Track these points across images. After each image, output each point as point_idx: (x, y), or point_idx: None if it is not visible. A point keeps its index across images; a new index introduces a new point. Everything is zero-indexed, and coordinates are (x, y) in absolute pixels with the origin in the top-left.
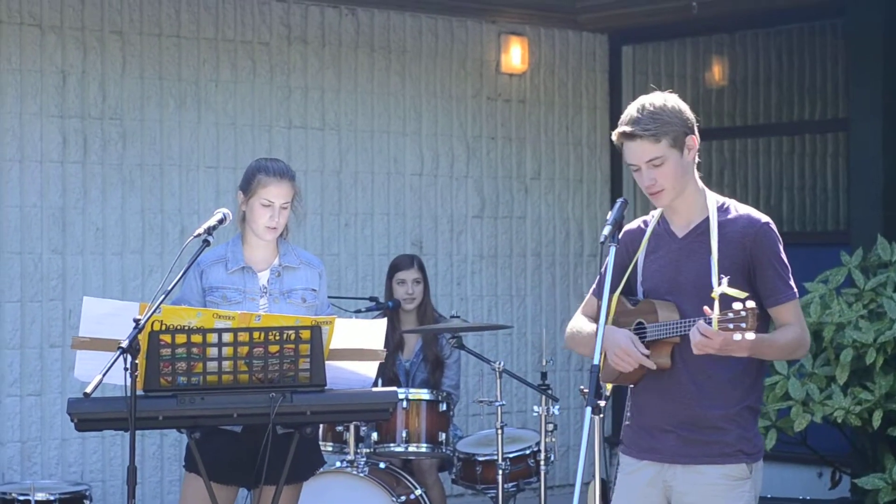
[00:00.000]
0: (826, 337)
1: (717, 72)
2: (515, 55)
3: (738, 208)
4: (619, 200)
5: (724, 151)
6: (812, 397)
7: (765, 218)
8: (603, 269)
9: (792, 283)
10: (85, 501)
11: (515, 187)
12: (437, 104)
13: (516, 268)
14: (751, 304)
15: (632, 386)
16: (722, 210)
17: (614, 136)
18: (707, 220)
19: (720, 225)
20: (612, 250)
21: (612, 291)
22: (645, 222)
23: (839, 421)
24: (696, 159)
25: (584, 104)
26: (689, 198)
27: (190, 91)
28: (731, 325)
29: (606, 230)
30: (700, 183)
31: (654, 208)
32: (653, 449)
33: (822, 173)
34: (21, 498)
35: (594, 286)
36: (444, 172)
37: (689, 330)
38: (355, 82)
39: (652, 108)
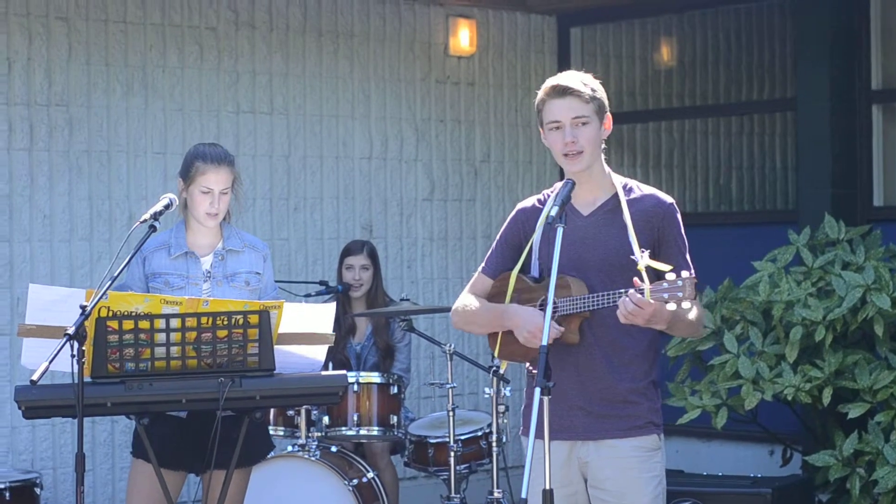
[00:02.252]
0: (775, 315)
1: (665, 53)
2: (463, 38)
3: (641, 188)
4: (567, 181)
5: (673, 132)
6: (762, 375)
7: (670, 199)
8: (548, 249)
9: (690, 262)
10: (35, 489)
11: (465, 170)
12: (385, 88)
13: (467, 250)
14: (686, 273)
15: (528, 365)
16: (627, 190)
17: (542, 92)
18: (614, 197)
19: (628, 203)
20: (560, 231)
21: (510, 269)
22: (540, 201)
23: (789, 399)
24: (604, 145)
25: (532, 86)
26: (596, 175)
27: (137, 77)
28: (665, 295)
29: (554, 210)
30: (605, 164)
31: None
32: (563, 428)
33: (770, 153)
34: None
35: (483, 265)
36: (393, 156)
37: (605, 304)
38: (303, 66)
39: (584, 78)
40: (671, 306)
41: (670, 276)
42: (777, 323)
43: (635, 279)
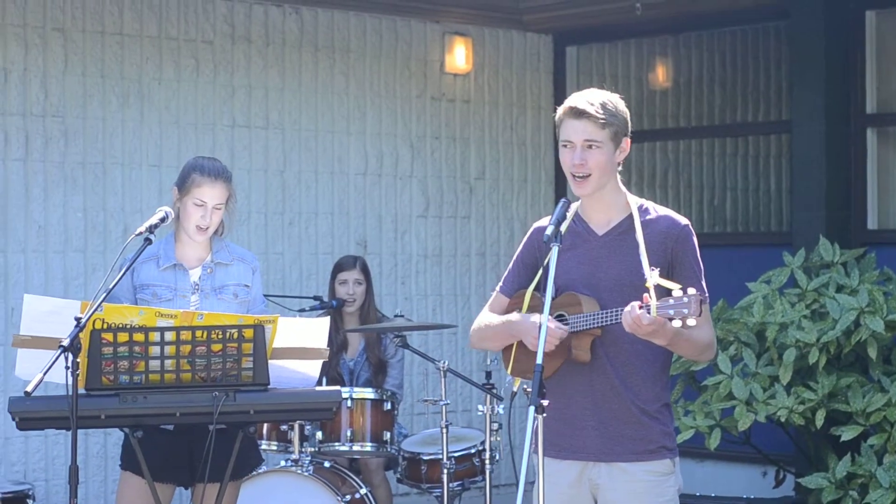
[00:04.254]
0: (769, 337)
1: (660, 73)
2: (459, 55)
3: (657, 209)
4: (562, 201)
5: (668, 153)
6: (755, 397)
7: (685, 220)
8: (564, 268)
9: (705, 286)
10: (28, 501)
11: (460, 187)
12: (381, 104)
13: (461, 267)
14: (692, 290)
15: (525, 387)
16: (642, 210)
17: (561, 110)
18: (628, 218)
19: (642, 224)
20: (555, 249)
21: (526, 287)
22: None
23: (783, 420)
24: (620, 166)
25: (528, 104)
26: (609, 196)
27: (133, 89)
28: (671, 312)
29: (549, 230)
30: (620, 184)
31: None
32: (574, 447)
33: (765, 175)
34: None
35: (500, 284)
36: (388, 172)
37: (614, 320)
38: (299, 81)
39: (606, 100)
40: (676, 323)
41: (677, 294)
42: (771, 344)
43: (645, 295)
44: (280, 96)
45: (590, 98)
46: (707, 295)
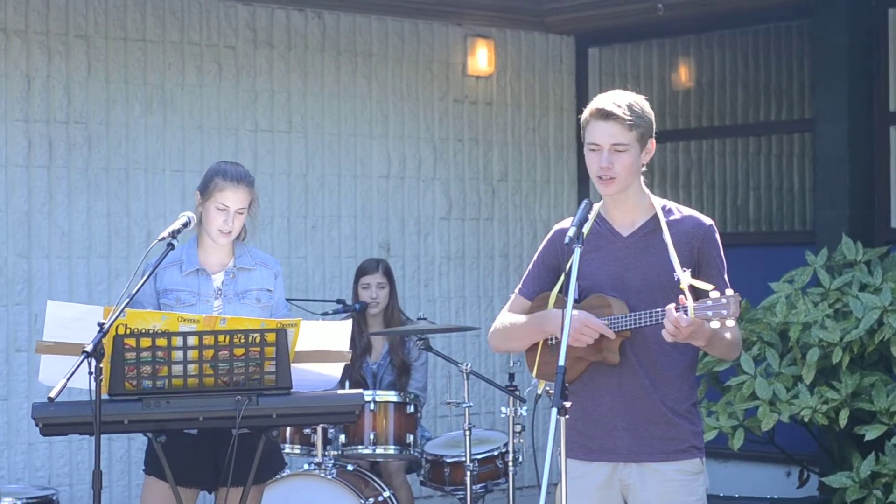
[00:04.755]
0: (792, 336)
1: (683, 73)
2: (482, 57)
3: (681, 210)
4: (584, 202)
5: (691, 152)
6: (779, 396)
7: (709, 220)
8: (588, 270)
9: (728, 283)
10: None
11: (482, 189)
12: (403, 107)
13: (484, 269)
14: (730, 291)
15: (549, 389)
16: (666, 211)
17: (587, 112)
18: (653, 219)
19: (668, 225)
20: (577, 251)
21: (548, 289)
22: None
23: (806, 420)
24: (645, 167)
25: (550, 106)
26: (633, 197)
27: (156, 95)
28: (709, 313)
29: (571, 231)
30: (644, 185)
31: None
32: (605, 449)
33: (787, 174)
34: None
35: (520, 286)
36: (411, 175)
37: (647, 322)
38: (322, 85)
39: (632, 101)
40: (714, 324)
41: (714, 295)
42: (794, 344)
43: (681, 297)
44: (303, 100)
45: (616, 100)
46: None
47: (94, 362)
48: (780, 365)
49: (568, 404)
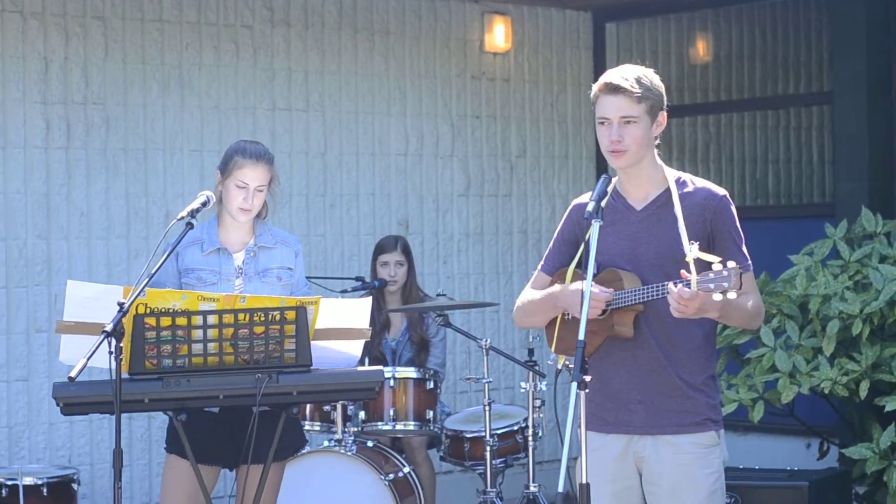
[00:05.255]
0: (812, 309)
1: (701, 47)
2: (499, 34)
3: (695, 181)
4: (603, 177)
5: (709, 126)
6: (799, 369)
7: (723, 191)
8: (604, 245)
9: (747, 254)
10: (73, 485)
11: (501, 165)
12: (421, 84)
13: (502, 245)
14: (732, 263)
15: (569, 364)
16: (679, 183)
17: (596, 87)
18: (666, 192)
19: (680, 198)
20: (596, 225)
21: (567, 265)
22: None
23: (826, 392)
24: (658, 140)
25: (568, 82)
26: (646, 171)
27: (173, 75)
28: (711, 286)
29: (590, 206)
30: (657, 158)
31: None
32: (620, 422)
33: (806, 146)
34: (9, 483)
35: (542, 262)
36: (429, 152)
37: (657, 295)
38: (339, 63)
39: (641, 74)
40: (717, 296)
41: (717, 267)
42: (814, 316)
43: (682, 271)
44: (320, 79)
45: (624, 73)
46: (750, 263)
47: (114, 342)
48: (799, 337)
49: (588, 378)
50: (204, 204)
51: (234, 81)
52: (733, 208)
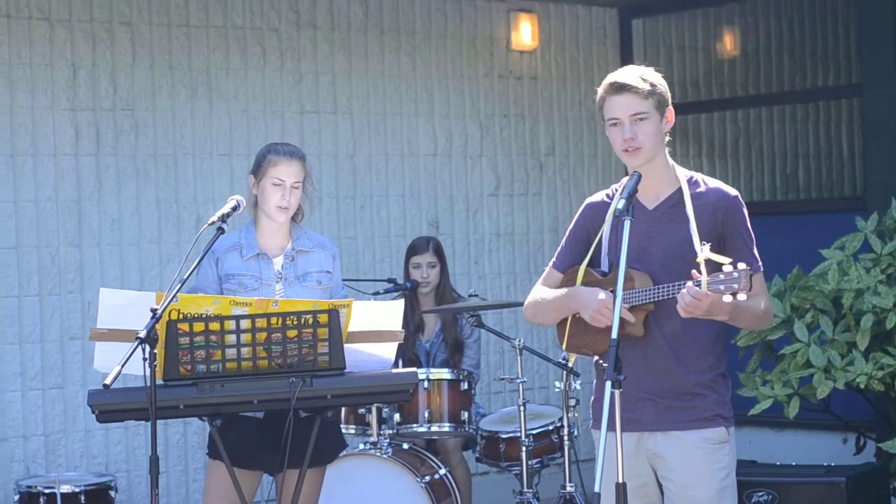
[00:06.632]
0: (845, 303)
1: (728, 41)
2: (525, 32)
3: (707, 181)
4: (634, 174)
5: (738, 121)
6: (833, 364)
7: (734, 192)
8: (616, 243)
9: (757, 255)
10: (110, 492)
11: (530, 164)
12: (448, 84)
13: (533, 244)
14: (742, 265)
15: (597, 358)
16: (692, 183)
17: (601, 90)
18: (678, 191)
19: (692, 197)
20: (627, 223)
21: (579, 263)
22: (608, 195)
23: (861, 386)
24: (668, 137)
25: (595, 79)
26: (658, 170)
27: (201, 80)
28: (721, 287)
29: (621, 203)
30: (669, 157)
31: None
32: (630, 420)
33: (836, 140)
34: (46, 491)
35: (554, 259)
36: (458, 152)
37: (667, 295)
38: (366, 65)
39: (643, 72)
40: (727, 298)
41: (727, 269)
42: (847, 311)
43: (693, 271)
44: (347, 81)
45: (627, 73)
46: (760, 264)
47: (147, 348)
48: (833, 332)
49: (622, 377)
50: (234, 208)
51: (261, 85)
52: (745, 209)
